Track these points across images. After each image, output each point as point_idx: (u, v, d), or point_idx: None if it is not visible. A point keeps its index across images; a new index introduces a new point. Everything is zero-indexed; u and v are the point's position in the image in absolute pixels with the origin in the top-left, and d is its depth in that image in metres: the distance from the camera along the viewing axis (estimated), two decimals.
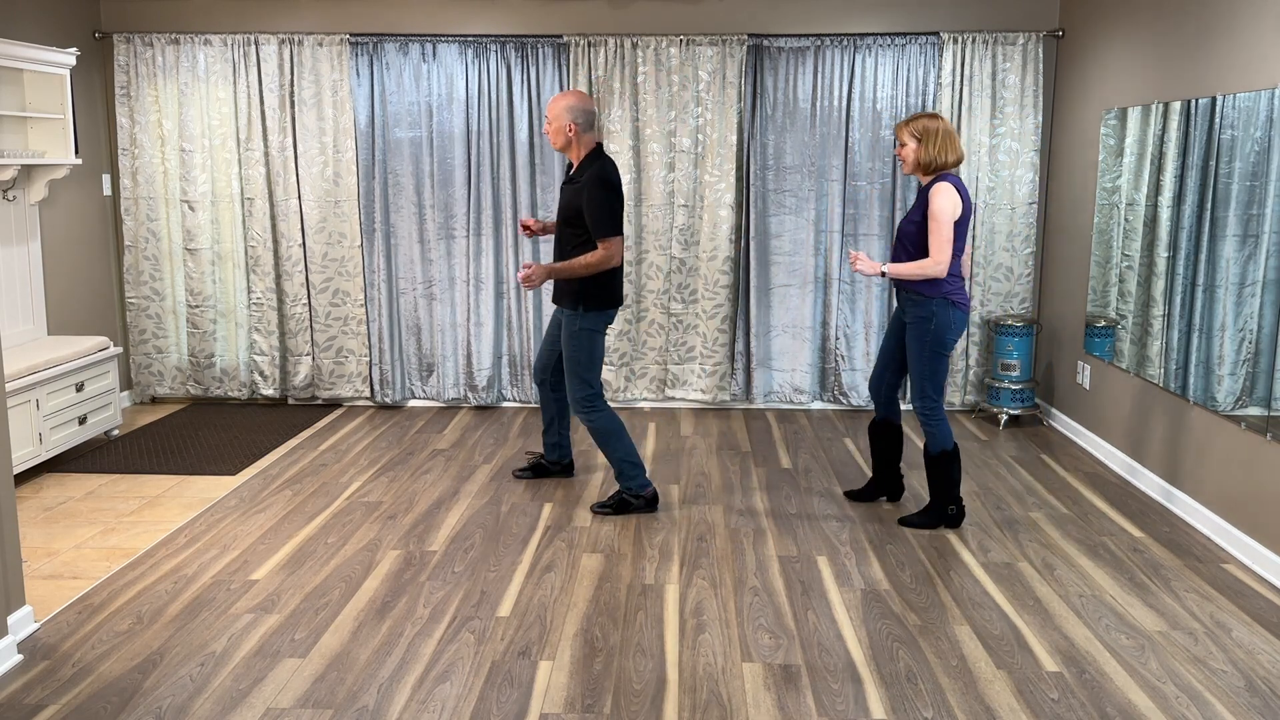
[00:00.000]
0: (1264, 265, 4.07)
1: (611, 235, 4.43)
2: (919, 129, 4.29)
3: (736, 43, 6.22)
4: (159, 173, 6.47)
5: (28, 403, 5.03)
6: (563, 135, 4.50)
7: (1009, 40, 6.17)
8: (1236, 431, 4.29)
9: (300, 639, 3.51)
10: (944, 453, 4.41)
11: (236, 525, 4.58)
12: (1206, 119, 4.51)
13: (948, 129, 4.29)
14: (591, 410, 4.62)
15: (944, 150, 4.28)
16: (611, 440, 4.63)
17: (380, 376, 6.63)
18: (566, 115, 4.47)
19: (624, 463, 4.67)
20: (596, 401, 4.62)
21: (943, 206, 4.19)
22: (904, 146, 4.35)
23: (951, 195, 4.21)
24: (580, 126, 4.49)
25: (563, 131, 4.49)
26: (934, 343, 4.33)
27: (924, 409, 4.40)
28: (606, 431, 4.63)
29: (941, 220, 4.19)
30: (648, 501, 4.71)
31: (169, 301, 6.60)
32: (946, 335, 4.32)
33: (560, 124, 4.48)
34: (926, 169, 4.32)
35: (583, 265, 4.45)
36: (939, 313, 4.29)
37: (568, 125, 4.48)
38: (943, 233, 4.19)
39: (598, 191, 4.41)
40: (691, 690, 3.18)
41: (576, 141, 4.52)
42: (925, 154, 4.29)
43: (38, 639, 3.52)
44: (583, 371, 4.60)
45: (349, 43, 6.28)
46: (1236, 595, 3.87)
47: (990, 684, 3.22)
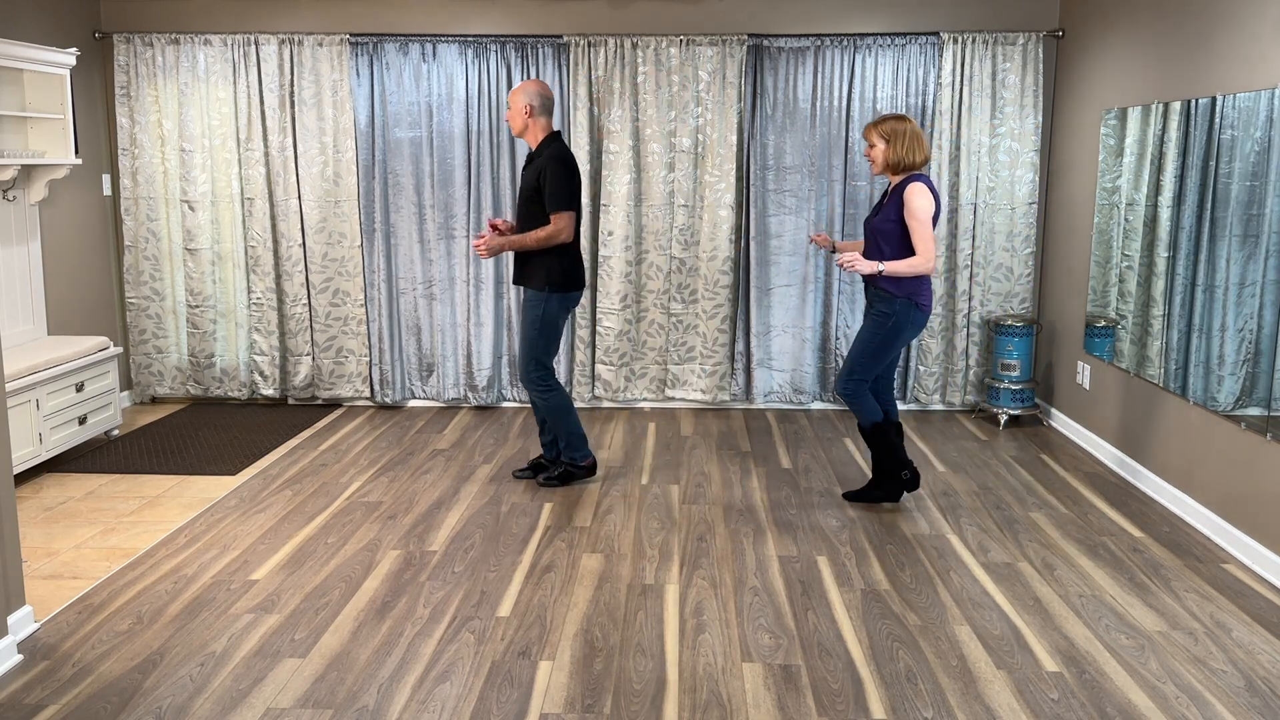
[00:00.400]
0: (1264, 265, 4.07)
1: (565, 209, 4.59)
2: (887, 130, 4.41)
3: (736, 43, 6.22)
4: (159, 173, 6.47)
5: (28, 403, 5.03)
6: (520, 118, 4.68)
7: (1009, 40, 6.17)
8: (1236, 431, 4.30)
9: (300, 639, 3.51)
10: (876, 425, 4.56)
11: (236, 525, 4.58)
12: (1206, 119, 4.51)
13: (915, 130, 4.41)
14: (545, 389, 4.85)
15: (912, 150, 4.39)
16: (563, 416, 4.90)
17: (380, 376, 6.63)
18: (524, 97, 4.66)
19: (573, 435, 4.97)
20: (549, 379, 4.85)
21: (922, 205, 4.31)
22: (873, 148, 4.46)
23: (926, 194, 4.33)
24: (536, 109, 4.67)
25: (520, 114, 4.67)
26: (886, 337, 4.46)
27: (847, 389, 4.53)
28: (559, 408, 4.89)
29: (923, 219, 4.31)
30: (588, 470, 5.06)
31: (169, 301, 6.60)
32: (902, 333, 4.45)
33: (518, 106, 4.67)
34: (895, 169, 4.44)
35: (534, 239, 4.62)
36: (901, 312, 4.42)
37: (524, 107, 4.66)
38: (926, 230, 4.30)
39: (557, 166, 4.59)
40: (691, 690, 3.18)
41: (533, 125, 4.69)
42: (894, 154, 4.40)
43: (38, 639, 3.52)
44: (539, 353, 4.79)
45: (349, 43, 6.28)
46: (1236, 595, 3.87)
47: (990, 684, 3.22)
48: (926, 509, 4.79)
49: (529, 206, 4.71)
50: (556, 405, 4.88)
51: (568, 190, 4.60)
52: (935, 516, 4.70)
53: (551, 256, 4.70)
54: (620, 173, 6.35)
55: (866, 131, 4.48)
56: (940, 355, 6.49)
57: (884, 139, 4.41)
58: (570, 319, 6.55)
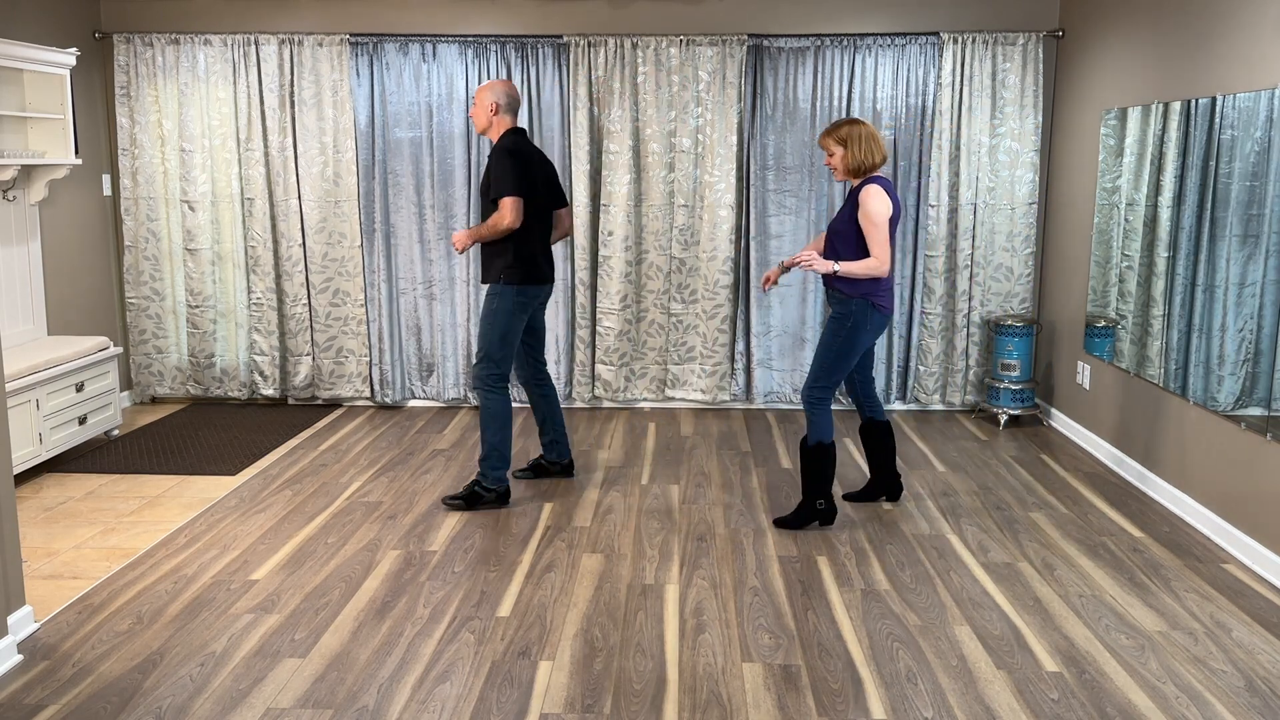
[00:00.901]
0: (1264, 265, 4.07)
1: (507, 194, 4.52)
2: (843, 135, 4.38)
3: (736, 43, 6.22)
4: (159, 173, 6.47)
5: (28, 403, 5.03)
6: (485, 115, 4.67)
7: (1009, 40, 6.17)
8: (1236, 431, 4.29)
9: (300, 639, 3.51)
10: (820, 445, 4.45)
11: (236, 525, 4.58)
12: (1206, 119, 4.51)
13: (869, 131, 4.38)
14: (489, 389, 4.69)
15: (869, 152, 4.36)
16: (494, 426, 4.70)
17: (380, 376, 6.63)
18: (489, 95, 4.65)
19: (494, 451, 4.72)
20: (499, 384, 4.70)
21: (877, 209, 4.26)
22: (831, 156, 4.43)
23: (882, 196, 4.29)
24: (501, 108, 4.65)
25: (485, 110, 4.66)
26: (846, 339, 4.40)
27: (811, 397, 4.45)
28: (494, 415, 4.70)
29: (877, 222, 4.27)
30: (499, 496, 4.78)
31: (169, 301, 6.60)
32: (861, 335, 4.39)
33: (484, 103, 4.65)
34: (855, 172, 4.40)
35: (487, 227, 4.57)
36: (858, 313, 4.37)
37: (491, 104, 4.64)
38: (880, 234, 4.26)
39: (501, 155, 4.56)
40: (691, 690, 3.18)
41: (497, 121, 4.67)
42: (852, 158, 4.37)
43: (38, 639, 3.52)
44: (493, 350, 4.67)
45: (349, 43, 6.28)
46: (1236, 595, 3.87)
47: (990, 684, 3.22)
48: (926, 509, 4.79)
49: (484, 198, 4.68)
50: (495, 410, 4.69)
51: (511, 176, 4.52)
52: (935, 516, 4.70)
53: (508, 249, 4.62)
54: (620, 173, 6.35)
55: (822, 140, 4.44)
56: (940, 355, 6.49)
57: (840, 144, 4.38)
58: (570, 319, 6.55)
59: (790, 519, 4.54)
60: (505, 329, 4.67)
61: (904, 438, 5.99)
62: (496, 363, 4.68)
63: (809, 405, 4.45)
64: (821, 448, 4.45)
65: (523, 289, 4.67)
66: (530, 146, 4.70)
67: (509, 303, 4.65)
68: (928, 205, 6.33)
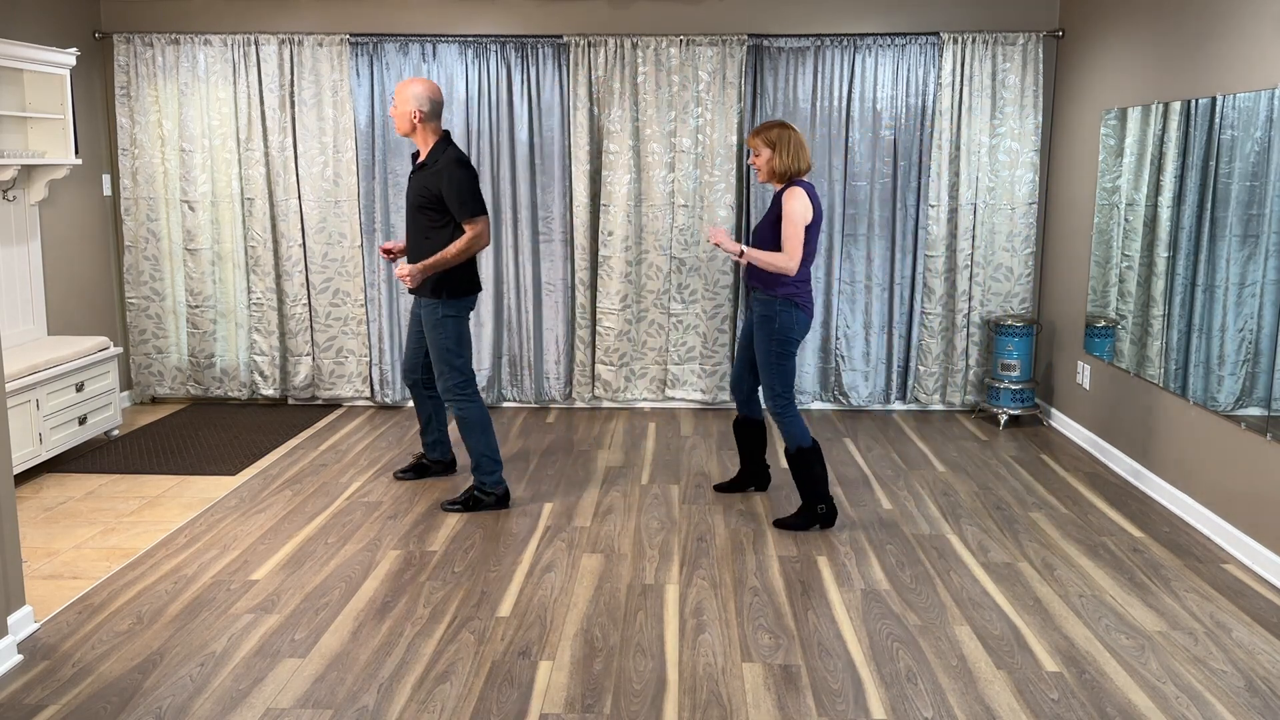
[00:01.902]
0: (1264, 265, 4.07)
1: (478, 214, 4.43)
2: (771, 138, 4.37)
3: (736, 43, 6.22)
4: (159, 173, 6.47)
5: (28, 403, 5.03)
6: (407, 121, 4.48)
7: (1009, 40, 6.17)
8: (1236, 431, 4.30)
9: (300, 639, 3.51)
10: (801, 450, 4.45)
11: (236, 525, 4.58)
12: (1206, 119, 4.51)
13: (799, 138, 4.38)
14: (463, 399, 4.62)
15: (795, 158, 4.36)
16: (476, 432, 4.64)
17: (380, 377, 6.63)
18: (413, 102, 4.45)
19: (484, 457, 4.68)
20: (468, 389, 4.62)
21: (795, 208, 4.28)
22: (758, 156, 4.41)
23: (804, 199, 4.30)
24: (425, 114, 4.47)
25: (408, 117, 4.47)
26: (780, 340, 4.40)
27: (775, 408, 4.46)
28: (473, 423, 4.63)
29: (795, 221, 4.28)
30: (499, 499, 4.74)
31: (169, 301, 6.60)
32: (791, 334, 4.40)
33: (406, 109, 4.46)
34: (781, 177, 4.39)
35: (455, 253, 4.44)
36: (782, 312, 4.38)
37: (413, 112, 4.46)
38: (795, 232, 4.27)
39: (458, 171, 4.39)
40: (691, 690, 3.18)
41: (422, 129, 4.49)
42: (780, 162, 4.36)
43: (38, 639, 3.52)
44: (453, 359, 4.59)
45: (349, 43, 6.28)
46: (1236, 595, 3.87)
47: (990, 684, 3.22)
48: (926, 509, 4.79)
49: (422, 213, 4.50)
50: (472, 419, 4.63)
51: (474, 194, 4.42)
52: (935, 516, 4.70)
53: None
54: (620, 173, 6.35)
55: (750, 140, 4.43)
56: (940, 355, 6.49)
57: (769, 146, 4.37)
58: (570, 319, 6.55)
59: (791, 520, 4.54)
60: (460, 337, 4.59)
61: (904, 438, 5.99)
62: (459, 370, 4.60)
63: (776, 417, 4.46)
64: (803, 452, 4.45)
65: (464, 300, 4.58)
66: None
67: (454, 312, 4.56)
68: (928, 205, 6.34)
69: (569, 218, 6.46)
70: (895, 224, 6.38)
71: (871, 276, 6.44)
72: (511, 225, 6.47)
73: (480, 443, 4.67)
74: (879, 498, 4.95)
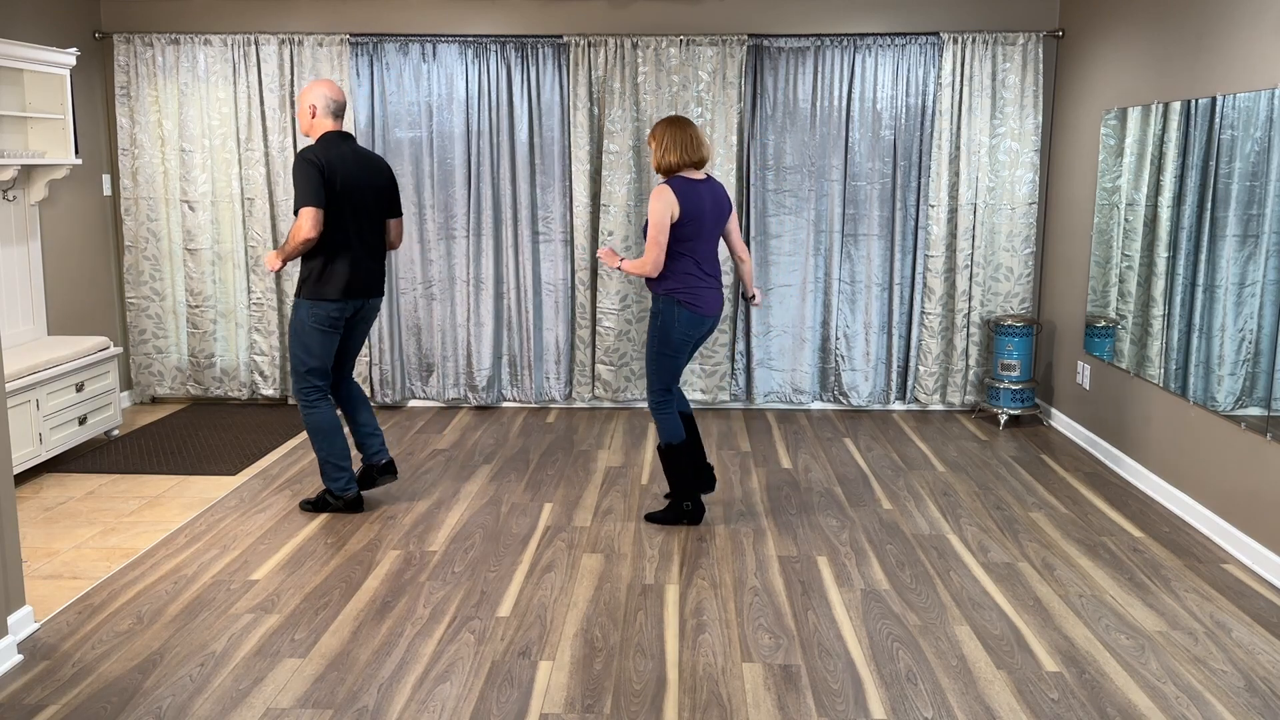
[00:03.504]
0: (1264, 265, 4.07)
1: (302, 205, 4.33)
2: (653, 133, 4.33)
3: (736, 43, 6.22)
4: (159, 173, 6.47)
5: (28, 403, 5.03)
6: (305, 119, 4.51)
7: (1009, 40, 6.17)
8: (1236, 431, 4.29)
9: (300, 639, 3.51)
10: (669, 446, 4.46)
11: (236, 525, 4.58)
12: (1206, 119, 4.51)
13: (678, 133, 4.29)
14: (305, 403, 4.56)
15: (668, 152, 4.29)
16: (319, 438, 4.59)
17: (380, 376, 6.63)
18: (308, 99, 4.48)
19: (327, 463, 4.63)
20: (311, 395, 4.56)
21: (653, 209, 4.24)
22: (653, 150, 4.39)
23: (663, 198, 4.21)
24: (319, 110, 4.48)
25: (304, 115, 4.50)
26: (661, 338, 4.37)
27: (651, 402, 4.46)
28: (316, 428, 4.58)
29: (653, 222, 4.24)
30: (348, 504, 4.70)
31: (169, 301, 6.60)
32: (672, 332, 4.35)
33: (302, 107, 4.50)
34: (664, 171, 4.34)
35: (290, 241, 4.38)
36: (665, 310, 4.34)
37: (308, 108, 4.48)
38: (653, 233, 4.24)
39: (298, 164, 4.35)
40: (691, 690, 3.18)
41: (316, 125, 4.50)
42: (655, 158, 4.32)
43: (38, 639, 3.51)
44: (297, 364, 4.53)
45: (349, 43, 6.28)
46: (1236, 595, 3.87)
47: (990, 684, 3.22)
48: (926, 509, 4.79)
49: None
50: (313, 423, 4.56)
51: (308, 186, 4.31)
52: (935, 516, 4.70)
53: (314, 262, 4.44)
54: (620, 173, 6.35)
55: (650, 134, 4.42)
56: (940, 355, 6.49)
57: (650, 140, 4.34)
58: (570, 319, 6.55)
59: (660, 514, 4.59)
60: (306, 341, 4.49)
61: (904, 438, 5.99)
62: (302, 375, 4.53)
63: (651, 409, 4.46)
64: (671, 449, 4.45)
65: (316, 305, 4.44)
66: (346, 152, 4.44)
67: (306, 316, 4.47)
68: (928, 205, 6.34)
69: (569, 218, 6.46)
70: (895, 224, 6.38)
71: (871, 276, 6.44)
72: (511, 225, 6.47)
73: (323, 449, 4.60)
74: (879, 498, 4.95)
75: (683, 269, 4.31)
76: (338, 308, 4.47)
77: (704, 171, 4.41)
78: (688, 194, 4.25)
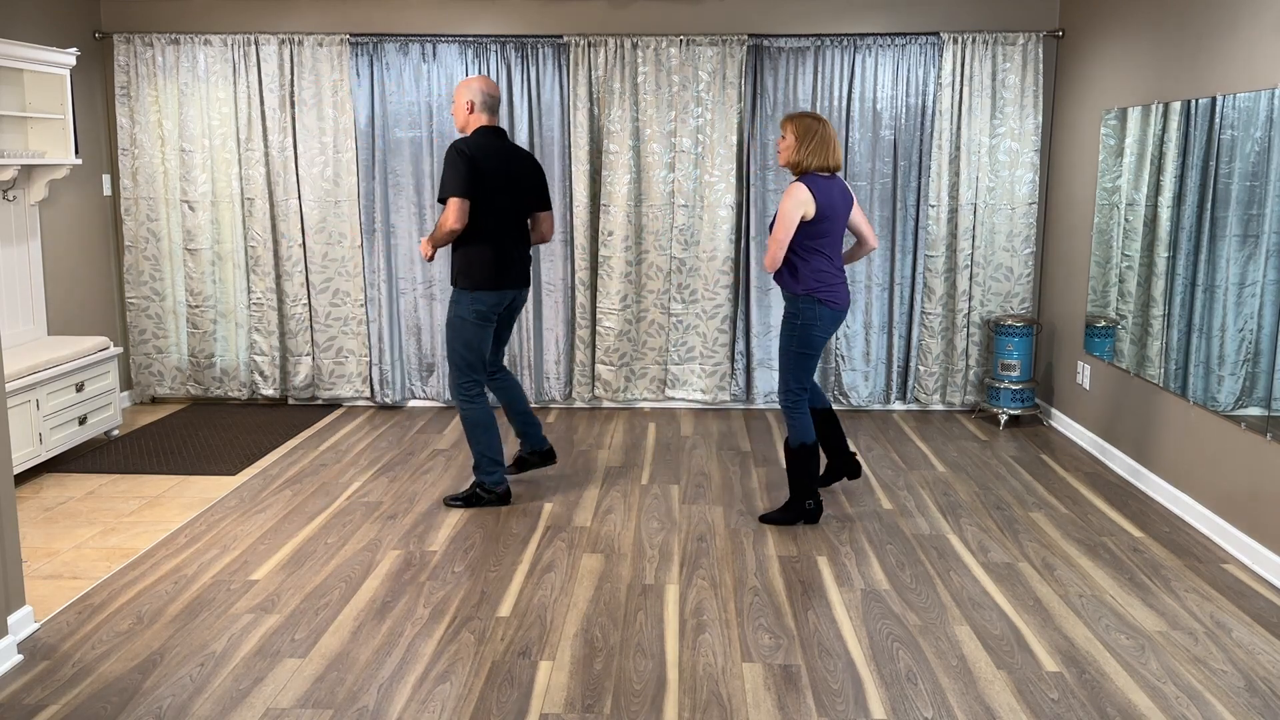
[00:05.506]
0: (1264, 265, 4.07)
1: (449, 195, 4.45)
2: (801, 128, 4.35)
3: (736, 43, 6.22)
4: (159, 173, 6.47)
5: (28, 403, 5.03)
6: (461, 114, 4.62)
7: (1009, 40, 6.17)
8: (1236, 431, 4.29)
9: (300, 639, 3.51)
10: (802, 446, 4.49)
11: (236, 525, 4.58)
12: (1206, 119, 4.51)
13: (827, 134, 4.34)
14: (464, 398, 4.66)
15: (815, 154, 4.33)
16: (478, 432, 4.68)
17: (380, 376, 6.63)
18: (466, 94, 4.60)
19: (484, 457, 4.72)
20: (471, 390, 4.66)
21: (785, 208, 4.29)
22: (783, 139, 4.42)
23: (797, 196, 4.26)
24: (476, 105, 4.60)
25: (461, 110, 4.61)
26: (801, 339, 4.41)
27: (785, 402, 4.49)
28: (474, 423, 4.67)
29: (782, 221, 4.29)
30: (499, 497, 4.80)
31: (169, 301, 6.60)
32: (814, 332, 4.40)
33: (459, 102, 4.62)
34: (794, 167, 4.38)
35: (437, 230, 4.50)
36: (805, 310, 4.38)
37: (466, 104, 4.60)
38: (779, 232, 4.30)
39: (449, 154, 4.48)
40: (691, 690, 3.18)
41: (472, 120, 4.62)
42: (798, 154, 4.35)
43: (38, 639, 3.51)
44: (457, 359, 4.64)
45: (349, 43, 6.28)
46: (1236, 595, 3.87)
47: (990, 684, 3.22)
48: (926, 509, 4.79)
49: None
50: (473, 418, 4.66)
51: (456, 177, 4.43)
52: (935, 516, 4.70)
53: (469, 252, 4.55)
54: (620, 173, 6.35)
55: (784, 121, 4.42)
56: (940, 355, 6.49)
57: (796, 135, 4.35)
58: (570, 319, 6.55)
59: (778, 515, 4.58)
60: (466, 336, 4.60)
61: (904, 438, 5.99)
62: (464, 370, 4.63)
63: (785, 411, 4.50)
64: (804, 449, 4.49)
65: (476, 294, 4.55)
66: (498, 145, 4.56)
67: (465, 309, 4.57)
68: (928, 205, 6.34)
69: (569, 218, 6.46)
70: (895, 224, 6.38)
71: (871, 276, 6.44)
72: None
73: (481, 444, 4.70)
74: (879, 498, 4.95)
75: (819, 266, 4.38)
76: (496, 297, 4.60)
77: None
78: (825, 191, 4.33)
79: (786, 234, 4.29)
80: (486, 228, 4.53)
